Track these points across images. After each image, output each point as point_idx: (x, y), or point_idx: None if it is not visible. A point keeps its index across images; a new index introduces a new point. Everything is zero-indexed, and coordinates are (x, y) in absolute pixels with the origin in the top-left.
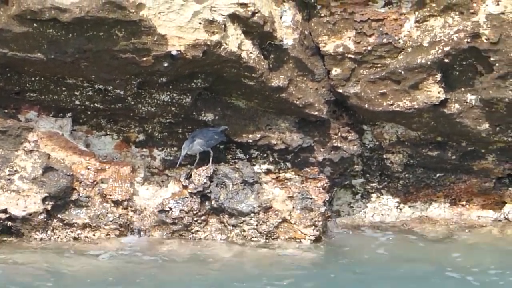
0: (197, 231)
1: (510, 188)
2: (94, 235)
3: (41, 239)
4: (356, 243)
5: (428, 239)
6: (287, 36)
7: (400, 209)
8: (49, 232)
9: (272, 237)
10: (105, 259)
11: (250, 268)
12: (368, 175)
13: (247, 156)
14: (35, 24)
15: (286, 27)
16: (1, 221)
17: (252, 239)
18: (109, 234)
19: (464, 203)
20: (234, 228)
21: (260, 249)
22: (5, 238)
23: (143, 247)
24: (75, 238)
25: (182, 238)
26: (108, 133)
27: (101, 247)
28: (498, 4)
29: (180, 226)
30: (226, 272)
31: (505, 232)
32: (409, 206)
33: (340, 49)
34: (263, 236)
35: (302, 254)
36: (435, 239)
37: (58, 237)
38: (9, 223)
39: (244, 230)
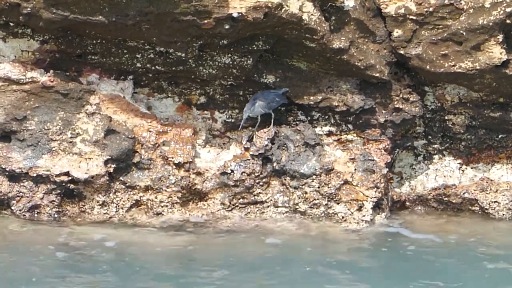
0: (259, 193)
1: None
2: (156, 197)
3: (103, 202)
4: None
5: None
6: None
7: (463, 171)
8: (111, 195)
9: (334, 199)
10: None
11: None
12: (430, 137)
13: (309, 118)
14: None
15: None
16: (64, 184)
17: (314, 201)
18: (171, 197)
19: None
20: (295, 190)
21: (322, 222)
22: (68, 207)
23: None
24: (137, 201)
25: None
26: (170, 95)
27: None
28: None
29: (242, 189)
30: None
31: None
32: (472, 168)
33: (402, 11)
34: (325, 198)
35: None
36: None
37: (120, 200)
38: (72, 186)
39: (306, 192)
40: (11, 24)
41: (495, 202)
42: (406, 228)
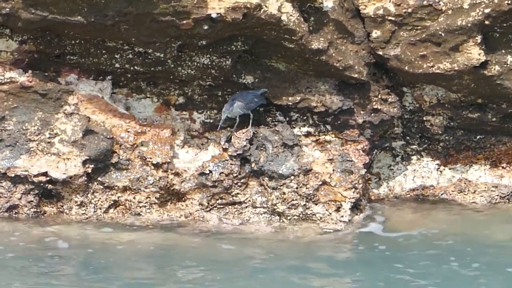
0: (237, 193)
1: None
2: (134, 198)
3: (81, 203)
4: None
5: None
6: None
7: (441, 172)
8: (89, 195)
9: (312, 200)
10: None
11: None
12: (408, 138)
13: (287, 119)
14: None
15: None
16: (42, 184)
17: (292, 201)
18: (149, 197)
19: (504, 165)
20: (274, 191)
21: (301, 226)
22: (46, 208)
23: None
24: (115, 201)
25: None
26: (148, 96)
27: None
28: None
29: (220, 189)
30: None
31: None
32: (450, 169)
33: (381, 12)
34: (303, 198)
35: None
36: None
37: (98, 200)
38: (50, 186)
39: (284, 193)
40: None
41: (473, 203)
42: (383, 226)
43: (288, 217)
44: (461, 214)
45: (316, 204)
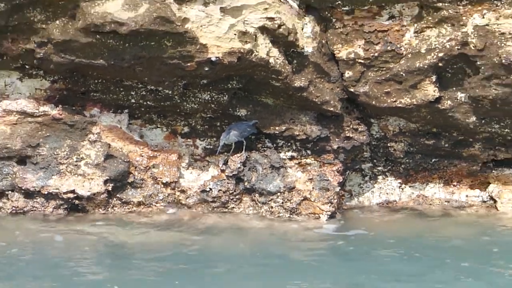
0: (233, 207)
1: (493, 171)
2: (147, 211)
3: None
4: (364, 219)
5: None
6: (308, 45)
7: (402, 189)
8: (109, 209)
9: (295, 213)
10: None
11: (277, 239)
12: (375, 160)
13: (274, 145)
14: (97, 36)
15: (307, 37)
16: (70, 200)
17: (279, 214)
18: (159, 210)
19: (455, 183)
20: (263, 205)
21: (286, 222)
22: (74, 214)
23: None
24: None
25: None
26: (159, 126)
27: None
28: (483, 17)
29: (218, 204)
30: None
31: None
32: (409, 186)
33: (352, 55)
34: (287, 211)
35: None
36: (431, 215)
37: (116, 213)
38: (76, 202)
39: (272, 207)
40: (27, 66)
41: (429, 211)
42: (352, 229)
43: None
44: (418, 219)
45: (298, 216)
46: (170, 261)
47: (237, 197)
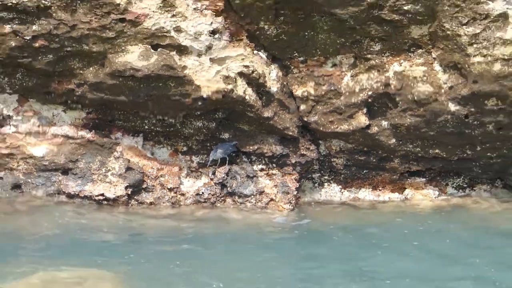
0: (219, 206)
1: (408, 179)
2: (156, 208)
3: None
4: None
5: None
6: (273, 85)
7: (342, 192)
8: (129, 207)
9: (265, 209)
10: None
11: (250, 225)
12: (322, 171)
13: (249, 160)
14: (120, 79)
15: (273, 80)
16: (100, 201)
17: (252, 209)
18: (165, 207)
19: (380, 188)
20: (241, 204)
21: (258, 215)
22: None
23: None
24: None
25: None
26: (165, 146)
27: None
28: (401, 65)
29: (208, 203)
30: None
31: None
32: (347, 191)
33: (305, 94)
34: (259, 208)
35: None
36: (362, 207)
37: (134, 209)
38: (105, 202)
39: (247, 206)
40: (69, 101)
41: (360, 204)
42: (305, 220)
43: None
44: (352, 211)
45: (267, 210)
46: (172, 238)
47: (222, 198)
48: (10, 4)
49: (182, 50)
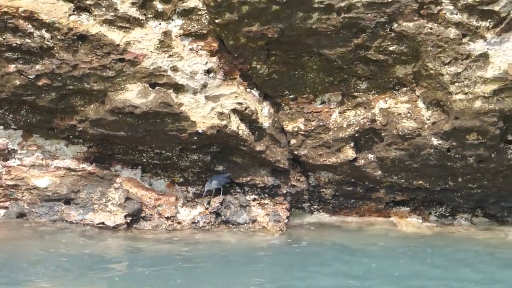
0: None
1: (393, 208)
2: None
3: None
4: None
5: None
6: (265, 121)
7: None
8: (128, 233)
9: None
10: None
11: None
12: (311, 201)
13: (242, 190)
14: (120, 115)
15: (265, 116)
16: (100, 229)
17: (245, 233)
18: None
19: (366, 216)
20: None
21: (251, 238)
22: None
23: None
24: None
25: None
26: (162, 177)
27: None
28: (386, 103)
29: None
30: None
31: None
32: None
33: (296, 129)
34: (251, 232)
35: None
36: (349, 230)
37: (133, 234)
38: (105, 230)
39: (240, 230)
40: (71, 136)
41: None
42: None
43: None
44: (340, 232)
45: (260, 233)
46: (170, 257)
47: (217, 226)
48: (15, 44)
49: (179, 88)
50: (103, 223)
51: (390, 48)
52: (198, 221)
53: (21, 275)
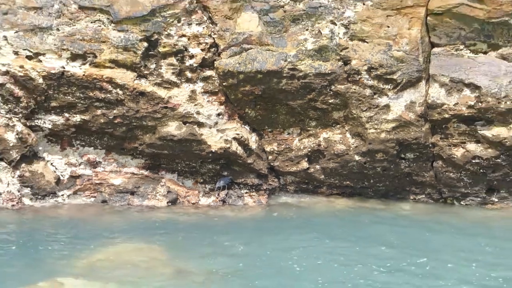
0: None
1: (331, 198)
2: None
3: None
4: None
5: (302, 206)
6: (253, 145)
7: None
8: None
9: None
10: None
11: (239, 217)
12: (281, 193)
13: (239, 187)
14: (164, 141)
15: (253, 141)
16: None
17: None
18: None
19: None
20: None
21: (242, 213)
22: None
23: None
24: None
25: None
26: (190, 178)
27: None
28: (327, 134)
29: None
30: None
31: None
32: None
33: (272, 149)
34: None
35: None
36: (304, 207)
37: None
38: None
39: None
40: (134, 153)
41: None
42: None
43: None
44: (298, 207)
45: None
46: (195, 223)
47: (222, 208)
48: (101, 98)
49: (200, 125)
50: (154, 205)
51: (330, 101)
52: (211, 205)
53: (105, 233)
